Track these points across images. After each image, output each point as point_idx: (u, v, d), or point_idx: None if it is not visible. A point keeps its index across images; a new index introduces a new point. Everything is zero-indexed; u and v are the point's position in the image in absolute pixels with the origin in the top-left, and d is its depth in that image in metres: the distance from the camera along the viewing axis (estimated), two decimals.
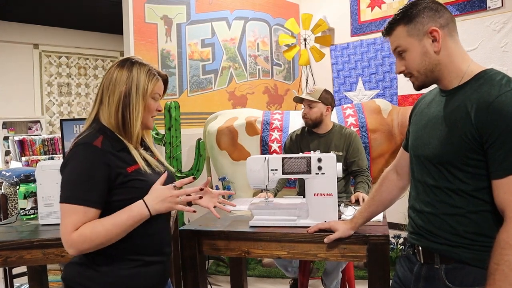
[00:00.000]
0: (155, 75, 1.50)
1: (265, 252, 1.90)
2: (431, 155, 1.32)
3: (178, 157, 3.86)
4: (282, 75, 5.67)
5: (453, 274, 1.27)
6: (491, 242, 1.17)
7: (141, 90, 1.45)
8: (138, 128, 1.46)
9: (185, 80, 4.56)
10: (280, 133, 3.84)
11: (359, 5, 5.30)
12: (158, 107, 1.54)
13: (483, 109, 1.18)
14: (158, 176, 1.47)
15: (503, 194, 1.16)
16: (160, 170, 1.53)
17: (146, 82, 1.46)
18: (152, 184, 1.43)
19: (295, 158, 1.95)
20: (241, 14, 5.11)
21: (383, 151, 3.70)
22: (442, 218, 1.29)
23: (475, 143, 1.20)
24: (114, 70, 1.46)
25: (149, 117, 1.52)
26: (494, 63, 4.18)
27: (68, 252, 1.32)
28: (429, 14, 1.29)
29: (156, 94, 1.51)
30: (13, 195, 3.61)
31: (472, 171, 1.22)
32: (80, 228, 1.30)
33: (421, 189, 1.38)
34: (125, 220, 1.34)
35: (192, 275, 1.98)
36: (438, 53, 1.30)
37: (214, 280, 3.65)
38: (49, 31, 8.18)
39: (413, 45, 1.32)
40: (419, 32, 1.30)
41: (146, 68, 1.48)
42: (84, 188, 1.32)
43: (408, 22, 1.31)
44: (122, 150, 1.43)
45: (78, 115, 8.62)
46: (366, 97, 5.17)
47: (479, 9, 4.32)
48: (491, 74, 1.24)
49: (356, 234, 1.75)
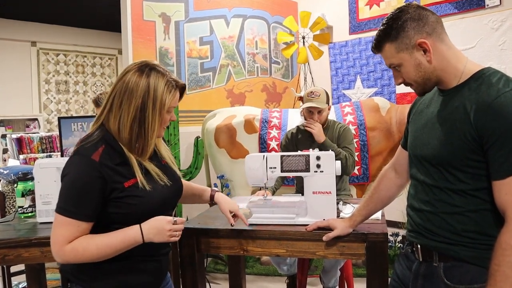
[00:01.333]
0: (173, 87, 1.41)
1: (263, 250, 1.90)
2: (430, 155, 1.32)
3: (176, 155, 3.85)
4: (281, 73, 5.66)
5: (452, 272, 1.28)
6: (490, 241, 1.17)
7: (158, 105, 1.37)
8: (152, 145, 1.43)
9: (184, 78, 4.55)
10: (278, 131, 3.84)
11: (357, 3, 5.29)
12: (172, 118, 1.48)
13: (482, 110, 1.17)
14: (160, 189, 1.45)
15: (504, 195, 1.16)
16: (165, 182, 1.47)
17: (164, 96, 1.38)
18: (148, 200, 1.40)
19: (294, 156, 1.95)
20: (239, 12, 5.10)
21: (382, 149, 3.70)
22: (441, 216, 1.29)
23: (475, 144, 1.20)
24: (132, 76, 1.37)
25: (162, 129, 1.47)
26: (492, 61, 4.18)
27: (55, 259, 1.34)
28: (413, 25, 1.27)
29: (171, 107, 1.44)
30: (11, 193, 3.60)
31: (471, 171, 1.23)
32: (74, 242, 1.31)
33: (420, 188, 1.38)
34: (119, 243, 1.35)
35: (191, 273, 1.98)
36: (431, 62, 1.29)
37: (213, 278, 3.65)
38: (47, 28, 8.16)
39: (405, 59, 1.31)
40: (408, 46, 1.29)
41: (165, 79, 1.39)
42: (79, 202, 1.32)
43: (394, 38, 1.30)
44: (122, 163, 1.39)
45: (76, 113, 8.60)
46: (365, 95, 5.17)
47: (477, 7, 4.32)
48: (489, 73, 1.24)
49: (354, 232, 1.75)
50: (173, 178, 1.54)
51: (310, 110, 2.76)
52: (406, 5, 1.32)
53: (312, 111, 2.75)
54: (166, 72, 1.42)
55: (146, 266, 1.47)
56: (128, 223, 1.38)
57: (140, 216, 1.39)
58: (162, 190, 1.46)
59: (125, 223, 1.38)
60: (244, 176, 2.09)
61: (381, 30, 1.34)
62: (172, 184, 1.51)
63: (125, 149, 1.39)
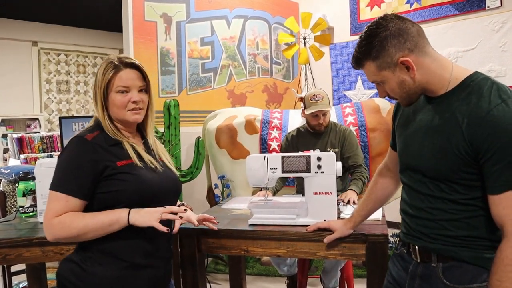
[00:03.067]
0: (113, 68, 1.45)
1: (264, 251, 1.90)
2: (424, 168, 1.30)
3: (177, 155, 3.86)
4: (282, 74, 5.67)
5: (451, 272, 1.27)
6: (488, 242, 1.18)
7: (98, 87, 1.47)
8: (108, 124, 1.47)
9: (185, 78, 4.55)
10: (279, 131, 3.84)
11: (358, 4, 5.30)
12: (132, 99, 1.47)
13: (475, 124, 1.16)
14: (153, 173, 1.48)
15: (502, 210, 1.15)
16: (156, 166, 1.51)
17: (100, 78, 1.46)
18: (143, 178, 1.43)
19: (295, 157, 1.95)
20: (240, 13, 5.10)
21: (382, 150, 3.70)
22: (438, 223, 1.29)
23: (468, 157, 1.18)
24: None
25: (123, 112, 1.48)
26: (493, 63, 4.18)
27: (46, 237, 1.37)
28: (393, 43, 1.22)
29: (119, 87, 1.46)
30: (12, 192, 3.60)
31: (466, 183, 1.22)
32: (62, 215, 1.35)
33: (414, 195, 1.36)
34: (103, 218, 1.36)
35: (191, 273, 1.98)
36: (415, 79, 1.25)
37: (213, 278, 3.66)
38: (48, 28, 8.17)
39: (388, 77, 1.27)
40: (390, 64, 1.25)
41: (106, 63, 1.47)
42: (69, 177, 1.37)
43: (375, 58, 1.25)
44: (116, 145, 1.46)
45: (77, 112, 8.61)
46: (365, 96, 5.17)
47: (478, 9, 4.32)
48: (478, 81, 1.21)
49: (355, 232, 1.75)
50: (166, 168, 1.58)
51: (316, 114, 2.73)
52: (383, 19, 1.26)
53: (318, 115, 2.73)
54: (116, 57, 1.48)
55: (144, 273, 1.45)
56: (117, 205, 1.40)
57: (132, 196, 1.40)
58: (154, 174, 1.49)
59: (114, 205, 1.40)
60: (245, 177, 2.09)
61: (360, 47, 1.29)
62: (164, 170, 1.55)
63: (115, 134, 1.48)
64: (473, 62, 4.20)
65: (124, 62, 1.48)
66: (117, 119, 1.50)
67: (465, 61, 4.32)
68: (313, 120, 2.76)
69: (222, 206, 2.48)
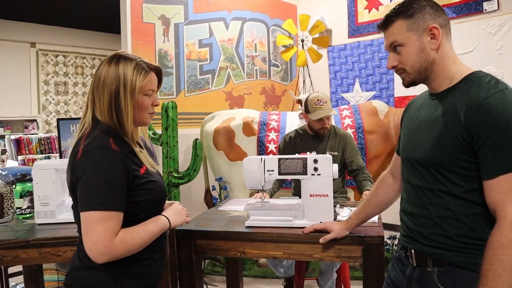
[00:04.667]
0: (143, 69, 1.42)
1: (261, 253, 1.91)
2: (422, 158, 1.33)
3: (175, 157, 3.86)
4: (280, 76, 5.67)
5: (446, 276, 1.28)
6: (483, 245, 1.18)
7: (129, 87, 1.39)
8: (131, 129, 1.42)
9: (183, 80, 4.56)
10: (277, 133, 3.85)
11: (356, 7, 5.31)
12: (154, 102, 1.49)
13: (472, 111, 1.19)
14: (159, 177, 1.51)
15: (494, 194, 1.17)
16: (157, 170, 1.53)
17: (133, 78, 1.39)
18: (161, 184, 1.48)
19: (292, 159, 1.96)
20: (238, 15, 5.11)
21: (379, 153, 3.72)
22: (434, 220, 1.30)
23: (466, 144, 1.21)
24: (102, 68, 1.41)
25: (145, 114, 1.47)
26: (490, 66, 4.20)
27: (98, 260, 1.26)
28: (430, 11, 1.29)
29: (149, 90, 1.45)
30: (9, 194, 3.60)
31: (463, 172, 1.24)
32: (120, 234, 1.28)
33: (412, 192, 1.39)
34: (154, 229, 1.40)
35: (188, 275, 1.98)
36: (436, 51, 1.30)
37: (210, 280, 3.65)
38: (46, 29, 8.17)
39: (412, 40, 1.31)
40: (419, 27, 1.29)
41: (133, 63, 1.41)
42: (113, 192, 1.29)
43: (409, 16, 1.30)
44: (131, 152, 1.41)
45: (75, 114, 8.61)
46: (363, 98, 5.19)
47: (476, 12, 4.34)
48: (480, 76, 1.26)
49: (351, 234, 1.76)
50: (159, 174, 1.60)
51: (321, 118, 2.73)
52: None
53: (323, 119, 2.73)
54: (136, 57, 1.44)
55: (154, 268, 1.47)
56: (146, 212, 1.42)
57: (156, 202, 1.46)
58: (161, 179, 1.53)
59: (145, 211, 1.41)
60: (242, 179, 2.10)
61: (397, 6, 1.34)
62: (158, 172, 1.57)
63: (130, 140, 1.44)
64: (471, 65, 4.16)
65: (151, 66, 1.47)
66: (136, 122, 1.46)
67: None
68: (317, 125, 2.76)
69: (219, 208, 2.49)
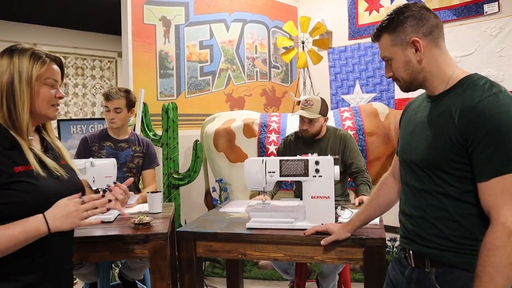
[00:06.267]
0: (40, 58, 1.35)
1: (262, 254, 1.91)
2: (418, 159, 1.34)
3: (175, 158, 3.86)
4: (280, 78, 5.68)
5: (443, 277, 1.29)
6: (479, 246, 1.18)
7: (24, 76, 1.31)
8: (26, 120, 1.32)
9: (183, 82, 4.56)
10: (277, 135, 3.85)
11: (357, 9, 5.31)
12: (57, 94, 1.40)
13: (466, 113, 1.20)
14: (56, 182, 1.34)
15: (488, 197, 1.18)
16: (61, 174, 1.38)
17: (29, 66, 1.32)
18: (45, 189, 1.28)
19: (293, 161, 1.96)
20: (239, 16, 5.12)
21: (380, 154, 3.71)
22: (431, 222, 1.31)
23: (460, 146, 1.22)
24: None
25: (47, 106, 1.38)
26: (490, 68, 4.20)
27: None
28: (412, 23, 1.31)
29: (49, 79, 1.37)
30: None
31: (458, 174, 1.24)
32: None
33: (410, 193, 1.40)
34: (17, 234, 1.18)
35: (189, 277, 1.98)
36: (420, 62, 1.32)
37: (210, 281, 3.65)
38: (47, 31, 8.17)
39: (397, 54, 1.35)
40: (402, 41, 1.33)
41: (29, 52, 1.34)
42: None
43: (392, 31, 1.34)
44: (12, 148, 1.29)
45: (75, 115, 8.60)
46: (364, 100, 5.19)
47: (476, 14, 4.34)
48: (475, 79, 1.27)
49: (352, 236, 1.75)
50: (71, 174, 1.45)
51: (301, 118, 2.75)
52: (413, 3, 1.36)
53: (303, 120, 2.75)
54: (32, 46, 1.37)
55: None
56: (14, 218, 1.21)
57: (31, 209, 1.24)
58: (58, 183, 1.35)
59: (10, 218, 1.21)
60: (243, 180, 2.09)
61: (383, 20, 1.37)
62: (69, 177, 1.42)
63: (14, 134, 1.31)
64: (471, 67, 4.21)
65: (51, 56, 1.39)
66: (37, 114, 1.37)
67: (463, 66, 4.26)
68: (299, 123, 2.79)
69: (220, 210, 2.48)
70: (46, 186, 1.29)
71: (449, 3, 4.51)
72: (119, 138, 2.88)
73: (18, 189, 1.23)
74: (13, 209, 1.22)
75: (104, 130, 2.91)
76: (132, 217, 2.09)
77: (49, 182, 1.32)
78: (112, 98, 2.76)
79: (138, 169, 2.89)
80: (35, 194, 1.26)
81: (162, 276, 1.95)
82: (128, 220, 2.10)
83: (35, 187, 1.26)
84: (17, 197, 1.23)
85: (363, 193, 2.53)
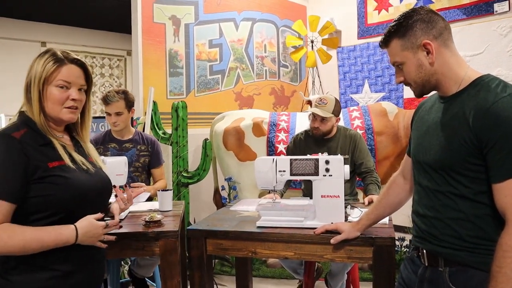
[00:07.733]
0: (52, 61, 1.39)
1: (272, 253, 1.92)
2: (432, 161, 1.35)
3: (184, 157, 3.88)
4: (289, 77, 5.68)
5: (457, 276, 1.29)
6: (494, 246, 1.19)
7: (37, 78, 1.37)
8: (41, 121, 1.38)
9: (192, 80, 4.58)
10: (286, 134, 3.86)
11: (366, 8, 5.30)
12: (71, 96, 1.42)
13: (480, 115, 1.20)
14: (86, 175, 1.42)
15: (503, 198, 1.18)
16: (88, 168, 1.46)
17: (40, 69, 1.37)
18: (77, 183, 1.37)
19: (303, 160, 1.97)
20: (248, 15, 5.13)
21: (389, 154, 3.71)
22: (446, 222, 1.31)
23: (474, 148, 1.22)
24: None
25: (58, 108, 1.41)
26: (500, 67, 4.18)
27: None
28: (421, 26, 1.32)
29: (60, 80, 1.40)
30: None
31: (473, 175, 1.25)
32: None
33: (423, 194, 1.40)
34: (49, 241, 1.29)
35: (199, 274, 2.00)
36: (433, 65, 1.33)
37: (219, 279, 3.67)
38: (57, 29, 8.22)
39: (408, 58, 1.35)
40: (413, 45, 1.33)
41: (46, 56, 1.40)
42: None
43: (402, 36, 1.34)
44: (46, 145, 1.37)
45: None
46: (372, 99, 5.18)
47: (486, 13, 4.32)
48: (488, 80, 1.27)
49: (362, 235, 1.76)
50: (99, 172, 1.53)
51: (314, 115, 2.77)
52: (419, 7, 1.37)
53: (316, 118, 2.77)
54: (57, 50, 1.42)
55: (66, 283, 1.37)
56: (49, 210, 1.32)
57: (64, 200, 1.34)
58: (88, 176, 1.44)
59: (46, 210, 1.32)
60: (252, 179, 2.11)
61: (391, 26, 1.38)
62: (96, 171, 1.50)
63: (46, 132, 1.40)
64: (481, 66, 4.19)
65: (69, 57, 1.43)
66: (50, 115, 1.42)
67: (473, 66, 4.23)
68: (312, 121, 2.80)
69: (230, 208, 2.50)
70: (78, 180, 1.39)
71: (458, 2, 4.49)
72: (123, 139, 2.90)
73: (53, 182, 1.33)
74: (49, 200, 1.32)
75: (108, 132, 2.94)
76: (143, 215, 2.11)
77: (80, 175, 1.40)
78: (110, 101, 2.76)
79: (145, 167, 2.91)
80: (68, 187, 1.35)
81: (173, 274, 1.97)
82: (139, 217, 2.12)
83: (67, 180, 1.36)
84: (52, 190, 1.32)
85: (372, 193, 2.54)
